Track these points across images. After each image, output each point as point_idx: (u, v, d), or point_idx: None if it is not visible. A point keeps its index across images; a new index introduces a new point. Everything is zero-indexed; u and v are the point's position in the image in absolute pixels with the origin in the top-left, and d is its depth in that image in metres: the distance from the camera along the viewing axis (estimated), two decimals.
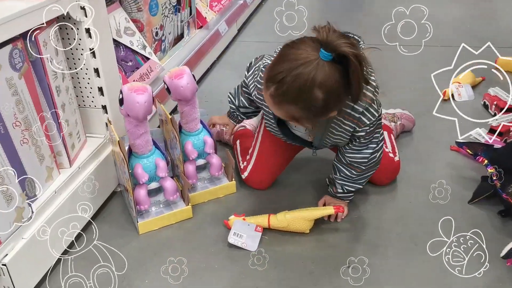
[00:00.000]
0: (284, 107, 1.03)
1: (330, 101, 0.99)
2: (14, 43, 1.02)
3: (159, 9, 1.75)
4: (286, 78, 0.97)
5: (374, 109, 1.15)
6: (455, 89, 1.92)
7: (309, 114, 1.02)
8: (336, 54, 0.95)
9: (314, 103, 0.98)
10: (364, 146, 1.22)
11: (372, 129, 1.18)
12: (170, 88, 1.29)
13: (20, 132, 1.06)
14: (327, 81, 0.96)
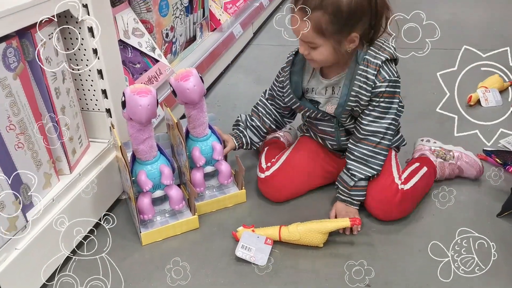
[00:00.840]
0: (311, 16, 1.08)
1: (353, 6, 1.07)
2: (9, 41, 0.96)
3: (170, 9, 1.69)
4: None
5: (393, 68, 1.18)
6: (482, 94, 1.81)
7: (334, 21, 1.07)
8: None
9: (339, 5, 1.06)
10: (382, 113, 1.20)
11: (391, 90, 1.18)
12: (176, 91, 1.22)
13: (15, 136, 1.00)
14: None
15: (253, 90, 2.00)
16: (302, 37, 1.13)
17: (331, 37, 1.11)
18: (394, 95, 1.19)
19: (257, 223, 1.23)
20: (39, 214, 1.06)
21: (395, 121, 1.22)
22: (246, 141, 1.40)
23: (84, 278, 1.04)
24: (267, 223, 1.23)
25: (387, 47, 1.17)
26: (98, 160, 1.26)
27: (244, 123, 1.42)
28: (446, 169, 1.37)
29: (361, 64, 1.17)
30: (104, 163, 1.28)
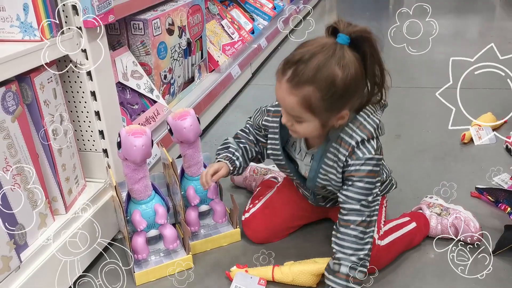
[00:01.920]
0: (300, 90, 0.98)
1: (347, 84, 0.97)
2: (8, 86, 1.00)
3: (168, 52, 1.74)
4: (304, 57, 0.97)
5: (372, 146, 1.07)
6: (475, 132, 1.83)
7: (325, 98, 0.98)
8: (353, 37, 0.98)
9: (333, 82, 0.96)
10: (360, 194, 1.07)
11: (368, 168, 1.06)
12: (172, 129, 1.25)
13: (12, 176, 1.02)
14: (344, 60, 0.97)
15: None
16: (288, 109, 1.03)
17: (319, 114, 1.01)
18: (372, 174, 1.07)
19: (251, 262, 1.23)
20: (33, 253, 1.07)
21: (377, 200, 1.10)
22: (240, 163, 1.28)
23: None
24: (261, 262, 1.23)
25: (369, 123, 1.07)
26: (94, 199, 1.28)
27: (235, 145, 1.30)
28: (438, 225, 1.29)
29: (334, 141, 1.09)
30: (100, 202, 1.30)
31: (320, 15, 4.36)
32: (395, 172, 1.41)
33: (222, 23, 2.44)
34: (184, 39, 1.85)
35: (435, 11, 4.29)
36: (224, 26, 2.44)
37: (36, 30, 1.05)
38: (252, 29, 2.68)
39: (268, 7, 2.96)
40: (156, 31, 1.65)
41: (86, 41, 1.19)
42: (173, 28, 1.76)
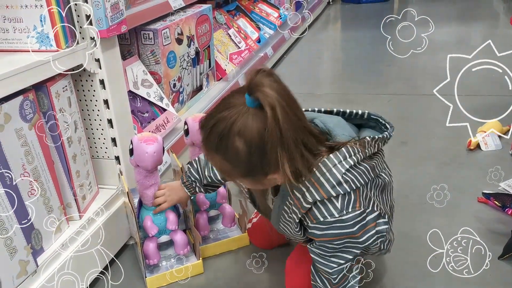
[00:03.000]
0: (212, 156, 0.89)
1: (254, 156, 0.83)
2: (26, 94, 1.03)
3: (177, 61, 1.77)
4: (209, 122, 0.86)
5: (336, 205, 0.90)
6: (481, 138, 1.85)
7: (236, 168, 0.87)
8: (257, 98, 0.81)
9: (235, 155, 0.84)
10: (330, 255, 0.96)
11: (334, 232, 0.92)
12: (190, 130, 1.28)
13: (28, 183, 1.05)
14: (246, 130, 0.82)
15: None
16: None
17: (243, 179, 0.92)
18: (342, 237, 0.92)
19: (259, 266, 1.25)
20: (50, 258, 1.09)
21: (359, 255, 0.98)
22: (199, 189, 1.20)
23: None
24: (269, 266, 1.25)
25: (327, 179, 0.89)
26: (107, 206, 1.31)
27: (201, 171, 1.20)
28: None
29: (287, 198, 0.96)
30: (112, 208, 1.32)
31: (325, 23, 4.40)
32: (400, 178, 1.43)
33: (229, 32, 2.48)
34: (192, 48, 1.89)
35: (439, 19, 4.36)
36: (231, 35, 2.47)
37: (52, 40, 1.09)
38: (258, 38, 2.72)
39: (273, 16, 3.00)
40: (165, 40, 1.68)
41: (100, 51, 1.22)
42: (182, 37, 1.79)
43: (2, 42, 1.12)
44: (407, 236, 1.35)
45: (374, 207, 0.95)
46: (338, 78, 2.87)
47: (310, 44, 3.61)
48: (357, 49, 3.41)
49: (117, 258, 1.35)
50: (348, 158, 0.91)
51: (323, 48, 3.64)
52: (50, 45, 1.09)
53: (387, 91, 2.50)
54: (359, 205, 0.92)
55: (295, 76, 2.80)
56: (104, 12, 1.17)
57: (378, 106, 2.31)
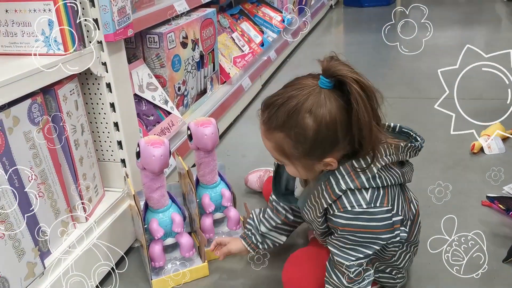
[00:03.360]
0: (273, 135, 0.92)
1: (322, 134, 0.87)
2: (34, 98, 1.04)
3: (182, 65, 1.78)
4: (277, 101, 0.90)
5: (365, 197, 0.93)
6: (484, 142, 1.85)
7: (298, 147, 0.90)
8: (336, 80, 0.87)
9: (303, 131, 0.88)
10: (351, 245, 0.96)
11: (357, 223, 0.93)
12: (193, 135, 1.29)
13: (36, 185, 1.06)
14: (318, 108, 0.86)
15: (261, 140, 2.07)
16: (269, 151, 0.98)
17: (297, 161, 0.94)
18: (365, 229, 0.94)
19: (263, 268, 1.26)
20: (56, 260, 1.10)
21: (374, 255, 0.99)
22: (256, 239, 1.20)
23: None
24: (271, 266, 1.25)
25: (364, 172, 0.93)
26: (112, 208, 1.31)
27: (257, 217, 1.22)
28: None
29: (321, 183, 0.97)
30: (118, 211, 1.33)
31: (327, 27, 4.41)
32: None
33: (233, 36, 2.49)
34: (197, 52, 1.90)
35: (442, 23, 4.37)
36: (235, 39, 2.48)
37: (60, 44, 1.10)
38: (262, 41, 2.73)
39: (277, 20, 3.01)
40: (170, 44, 1.69)
41: (106, 55, 1.23)
42: (187, 41, 1.80)
43: (10, 45, 1.13)
44: None
45: (399, 211, 0.97)
46: None
47: (313, 47, 3.62)
48: (360, 52, 3.41)
49: (123, 261, 1.36)
50: (384, 156, 0.95)
51: (326, 51, 3.63)
52: (58, 49, 1.10)
53: (391, 94, 2.50)
54: (387, 202, 0.94)
55: None
56: (111, 16, 1.19)
57: (382, 109, 2.31)
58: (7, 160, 0.95)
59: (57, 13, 1.07)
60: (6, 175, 0.95)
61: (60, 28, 1.08)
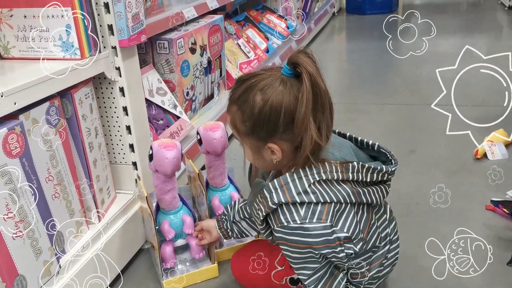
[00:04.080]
0: (230, 108, 0.98)
1: (265, 114, 0.90)
2: (52, 101, 1.07)
3: (191, 70, 1.81)
4: (243, 77, 0.96)
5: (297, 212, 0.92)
6: (488, 147, 1.88)
7: (245, 122, 0.94)
8: (296, 71, 0.90)
9: (251, 107, 0.92)
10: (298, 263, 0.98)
11: (298, 238, 0.93)
12: (202, 139, 1.31)
13: (53, 186, 1.09)
14: (270, 89, 0.90)
15: None
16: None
17: (245, 138, 0.98)
18: (303, 245, 0.94)
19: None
20: (70, 260, 1.12)
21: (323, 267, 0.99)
22: (227, 226, 1.24)
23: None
24: None
25: (295, 186, 0.93)
26: (124, 210, 1.34)
27: (237, 205, 1.25)
28: None
29: (259, 191, 0.97)
30: (129, 213, 1.35)
31: (330, 34, 4.45)
32: (411, 185, 1.46)
33: (239, 42, 2.53)
34: (205, 58, 1.93)
35: (443, 31, 4.39)
36: (241, 45, 2.52)
37: (77, 49, 1.13)
38: (267, 48, 2.76)
39: (281, 27, 3.05)
40: (180, 50, 1.72)
41: (120, 60, 1.26)
42: (195, 47, 1.84)
43: (28, 50, 1.16)
44: (416, 243, 1.37)
45: (344, 228, 0.95)
46: (345, 88, 2.91)
47: (316, 54, 3.66)
48: (363, 59, 3.45)
49: (133, 261, 1.39)
50: (322, 172, 0.93)
51: (329, 58, 3.68)
52: (74, 54, 1.13)
53: (394, 101, 2.53)
54: (325, 218, 0.92)
55: None
56: (126, 22, 1.22)
57: (385, 115, 2.34)
58: (26, 161, 0.98)
59: (74, 19, 1.10)
60: (25, 175, 0.98)
61: (77, 34, 1.11)
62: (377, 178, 1.00)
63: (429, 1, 5.85)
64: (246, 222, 1.23)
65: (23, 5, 1.12)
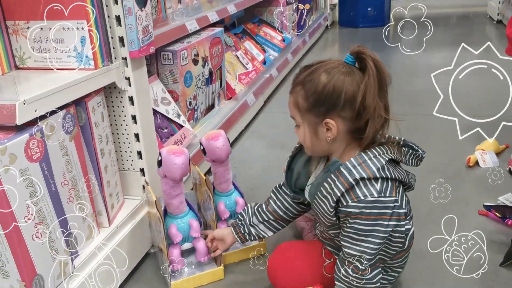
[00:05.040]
0: (294, 89, 1.10)
1: (328, 91, 1.03)
2: (68, 109, 1.12)
3: (193, 81, 1.87)
4: (308, 64, 1.11)
5: (375, 188, 1.03)
6: (479, 156, 1.95)
7: (308, 98, 1.06)
8: (358, 59, 1.05)
9: (315, 84, 1.05)
10: (361, 235, 1.06)
11: (369, 211, 1.03)
12: (206, 149, 1.37)
13: (67, 190, 1.13)
14: (335, 71, 1.04)
15: (266, 153, 2.16)
16: (289, 110, 1.14)
17: (305, 114, 1.08)
18: (376, 216, 1.04)
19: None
20: (83, 262, 1.17)
21: (382, 246, 1.08)
22: (244, 230, 1.31)
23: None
24: None
25: (373, 163, 1.04)
26: (132, 215, 1.39)
27: (251, 209, 1.33)
28: None
29: (332, 172, 1.06)
30: (137, 218, 1.40)
31: (323, 47, 4.54)
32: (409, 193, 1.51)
33: (237, 54, 2.59)
34: (206, 69, 1.99)
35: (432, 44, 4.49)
36: (239, 57, 2.59)
37: (91, 60, 1.18)
38: (264, 59, 2.84)
39: (277, 39, 3.12)
40: (183, 61, 1.78)
41: (130, 70, 1.32)
42: (198, 58, 1.90)
43: (43, 60, 1.22)
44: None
45: (403, 204, 1.09)
46: None
47: None
48: None
49: (140, 265, 1.43)
50: (389, 153, 1.07)
51: None
52: (88, 64, 1.19)
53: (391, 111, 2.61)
54: (395, 193, 1.06)
55: None
56: (137, 35, 1.28)
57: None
58: (45, 166, 1.03)
59: (89, 31, 1.16)
60: (44, 179, 1.03)
61: (92, 45, 1.17)
62: (415, 163, 1.17)
63: (420, 14, 5.98)
64: (264, 224, 1.31)
65: (40, 18, 1.17)
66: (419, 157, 1.17)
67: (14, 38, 1.22)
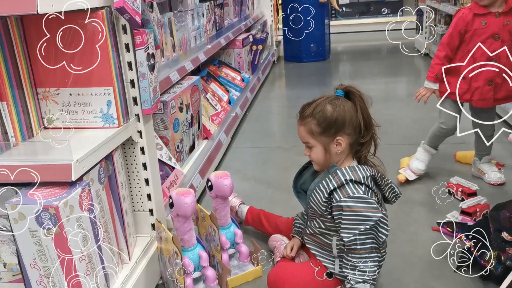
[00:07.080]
0: (305, 121, 1.45)
1: (336, 115, 1.41)
2: (101, 163, 1.31)
3: (180, 126, 2.09)
4: (308, 102, 1.49)
5: (359, 188, 1.39)
6: (404, 172, 2.29)
7: (320, 124, 1.42)
8: (345, 92, 1.45)
9: (324, 114, 1.42)
10: (354, 224, 1.38)
11: (357, 204, 1.37)
12: (214, 186, 1.59)
13: (102, 232, 1.32)
14: (336, 101, 1.44)
15: (240, 187, 2.38)
16: (301, 138, 1.49)
17: (319, 137, 1.43)
18: (362, 210, 1.37)
19: None
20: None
21: (371, 230, 1.38)
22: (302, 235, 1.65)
23: None
24: None
25: (361, 173, 1.41)
26: (145, 251, 1.57)
27: (301, 217, 1.69)
28: None
29: (330, 173, 1.43)
30: (149, 253, 1.59)
31: (272, 82, 4.87)
32: None
33: (207, 96, 2.83)
34: (189, 114, 2.22)
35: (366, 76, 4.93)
36: (209, 99, 2.83)
37: (116, 119, 1.39)
38: (229, 99, 3.09)
39: (238, 80, 3.40)
40: (172, 110, 2.00)
41: (142, 125, 1.53)
42: (183, 106, 2.12)
43: (71, 121, 1.40)
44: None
45: (382, 210, 1.43)
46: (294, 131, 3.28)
47: (264, 102, 4.01)
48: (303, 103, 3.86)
49: None
50: (374, 171, 1.45)
51: (274, 105, 4.05)
52: (113, 123, 1.39)
53: None
54: (375, 197, 1.43)
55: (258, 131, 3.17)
56: (149, 95, 1.49)
57: None
58: (91, 214, 1.21)
59: (114, 95, 1.36)
60: (91, 225, 1.21)
61: (116, 108, 1.37)
62: (391, 197, 1.52)
63: (353, 48, 6.50)
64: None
65: (71, 85, 1.36)
66: (395, 195, 1.52)
67: (44, 103, 1.39)
